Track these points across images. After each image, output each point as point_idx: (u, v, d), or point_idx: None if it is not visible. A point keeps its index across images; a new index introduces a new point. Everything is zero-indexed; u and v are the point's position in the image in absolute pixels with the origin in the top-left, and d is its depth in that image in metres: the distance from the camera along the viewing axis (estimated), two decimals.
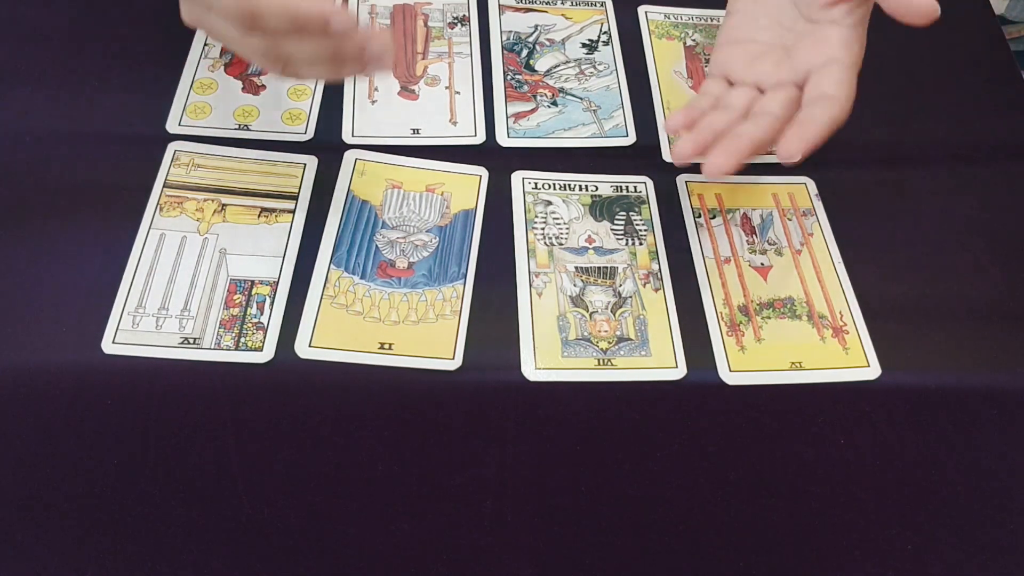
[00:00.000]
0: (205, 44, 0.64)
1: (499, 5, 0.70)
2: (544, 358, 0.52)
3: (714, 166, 0.51)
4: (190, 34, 0.64)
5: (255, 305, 0.52)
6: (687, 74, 0.68)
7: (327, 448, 0.48)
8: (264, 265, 0.53)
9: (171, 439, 0.48)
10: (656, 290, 0.56)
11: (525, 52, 0.67)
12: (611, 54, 0.68)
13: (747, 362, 0.53)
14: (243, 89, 0.61)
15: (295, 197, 0.57)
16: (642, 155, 0.63)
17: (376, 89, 0.63)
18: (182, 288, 0.52)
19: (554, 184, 0.60)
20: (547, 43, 0.68)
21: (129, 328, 0.50)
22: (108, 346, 0.49)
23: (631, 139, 0.63)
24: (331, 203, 0.57)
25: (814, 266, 0.58)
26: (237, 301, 0.52)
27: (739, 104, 0.55)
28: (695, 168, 0.62)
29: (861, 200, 0.61)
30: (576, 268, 0.56)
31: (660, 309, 0.55)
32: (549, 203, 0.59)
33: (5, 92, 0.60)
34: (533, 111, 0.64)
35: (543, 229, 0.58)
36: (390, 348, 0.51)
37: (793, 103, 0.53)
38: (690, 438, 0.51)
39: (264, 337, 0.51)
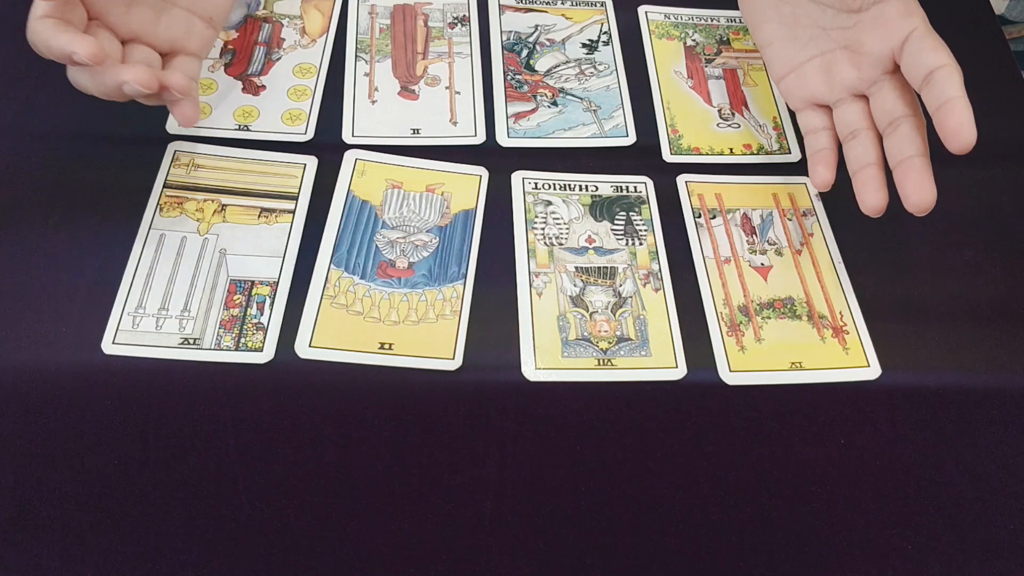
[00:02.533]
0: None
1: (499, 5, 0.70)
2: (544, 358, 0.52)
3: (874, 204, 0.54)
4: None
5: (255, 305, 0.52)
6: (687, 74, 0.68)
7: (327, 448, 0.48)
8: (264, 265, 0.53)
9: (171, 439, 0.48)
10: (656, 290, 0.56)
11: (525, 52, 0.67)
12: (611, 54, 0.68)
13: (747, 362, 0.53)
14: (243, 89, 0.61)
15: (295, 197, 0.57)
16: (642, 155, 0.63)
17: (376, 89, 0.63)
18: (182, 288, 0.52)
19: (554, 184, 0.60)
20: (547, 43, 0.68)
21: (129, 328, 0.50)
22: (108, 346, 0.49)
23: (631, 139, 0.63)
24: (331, 203, 0.57)
25: (814, 266, 0.58)
26: (237, 301, 0.52)
27: (858, 121, 0.56)
28: (695, 168, 0.62)
29: None
30: (576, 268, 0.56)
31: (660, 309, 0.55)
32: (549, 203, 0.59)
33: (5, 91, 0.60)
34: (533, 111, 0.64)
35: (543, 229, 0.58)
36: (390, 348, 0.51)
37: (907, 91, 0.54)
38: (690, 438, 0.51)
39: (264, 338, 0.51)
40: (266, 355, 0.50)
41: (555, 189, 0.60)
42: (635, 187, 0.61)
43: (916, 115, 0.53)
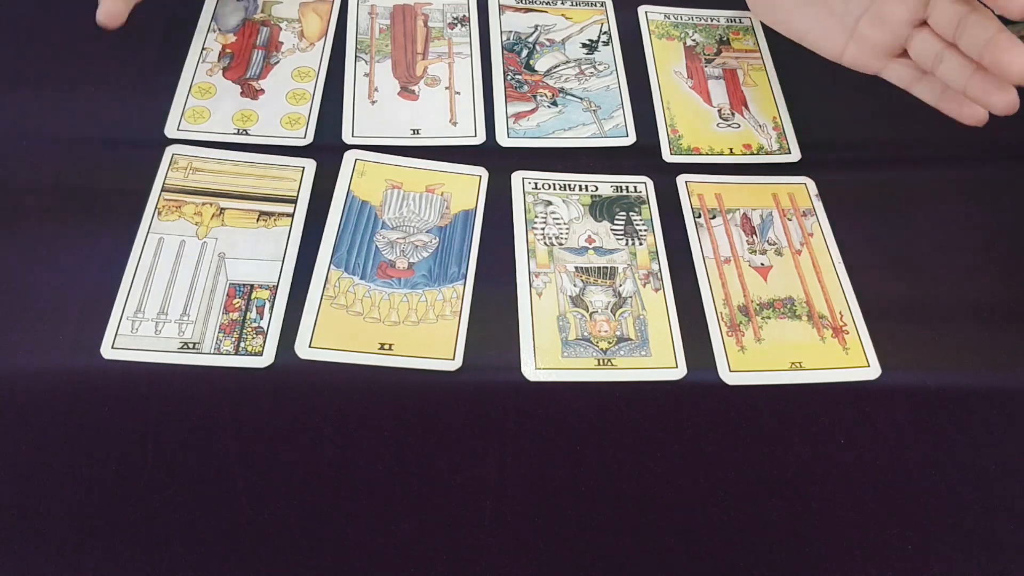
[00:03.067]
0: (203, 48, 0.64)
1: (499, 5, 0.70)
2: (544, 358, 0.52)
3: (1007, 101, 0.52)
4: (188, 38, 0.64)
5: (255, 309, 0.52)
6: (687, 74, 0.68)
7: (327, 449, 0.49)
8: (263, 269, 0.53)
9: (171, 444, 0.48)
10: (656, 290, 0.56)
11: (525, 52, 0.67)
12: (611, 54, 0.68)
13: (747, 362, 0.53)
14: (241, 93, 0.61)
15: (294, 200, 0.57)
16: (642, 155, 0.63)
17: (376, 89, 0.63)
18: (181, 292, 0.52)
19: (554, 184, 0.60)
20: (547, 43, 0.68)
21: (128, 333, 0.50)
22: (107, 351, 0.49)
23: (631, 139, 0.63)
24: (331, 204, 0.57)
25: (814, 266, 0.58)
26: (236, 305, 0.52)
27: (934, 45, 0.54)
28: (695, 168, 0.62)
29: (861, 200, 0.61)
30: (576, 268, 0.56)
31: (660, 309, 0.55)
32: (549, 203, 0.59)
33: (3, 95, 0.60)
34: (533, 111, 0.64)
35: (543, 229, 0.58)
36: (390, 348, 0.51)
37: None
38: (690, 438, 0.51)
39: (264, 341, 0.51)
40: (266, 359, 0.50)
41: (555, 189, 0.60)
42: (635, 187, 0.61)
43: (977, 9, 0.51)
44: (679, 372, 0.52)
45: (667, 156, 0.63)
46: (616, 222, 0.59)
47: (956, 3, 0.52)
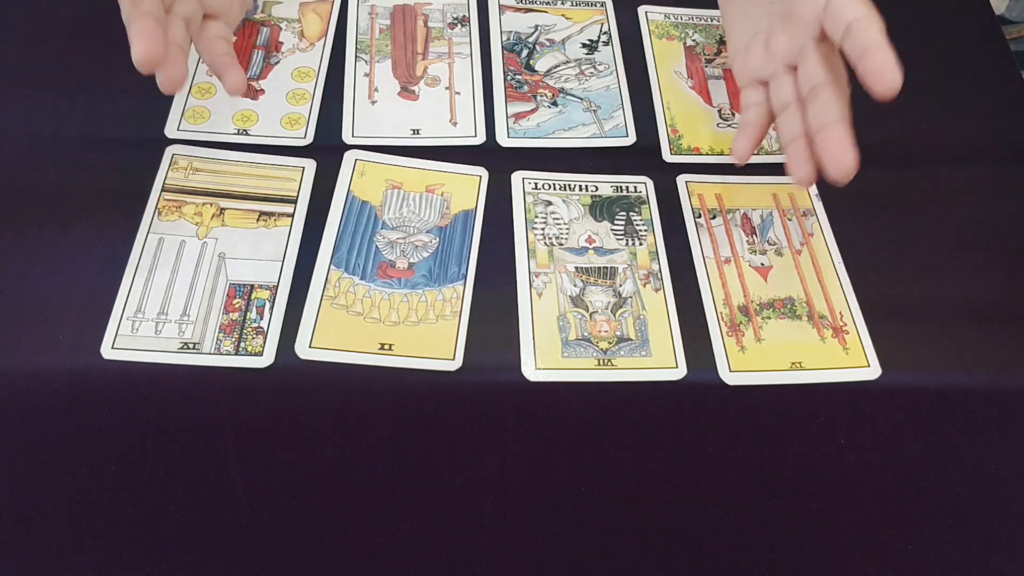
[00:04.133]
0: None
1: (499, 5, 0.70)
2: (544, 358, 0.52)
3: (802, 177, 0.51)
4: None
5: (255, 309, 0.52)
6: (687, 74, 0.68)
7: (327, 449, 0.49)
8: (263, 269, 0.53)
9: (171, 444, 0.48)
10: (656, 290, 0.56)
11: (525, 52, 0.67)
12: (611, 54, 0.68)
13: (747, 362, 0.53)
14: (242, 93, 0.61)
15: (294, 201, 0.57)
16: (642, 155, 0.63)
17: (376, 89, 0.63)
18: (181, 293, 0.52)
19: (554, 184, 0.60)
20: (547, 43, 0.68)
21: (128, 333, 0.50)
22: (107, 351, 0.49)
23: (631, 139, 0.63)
24: (331, 204, 0.57)
25: (814, 266, 0.58)
26: (236, 306, 0.52)
27: (790, 94, 0.53)
28: (695, 168, 0.62)
29: (861, 200, 0.61)
30: (576, 268, 0.56)
31: (660, 309, 0.55)
32: (549, 203, 0.59)
33: (3, 95, 0.60)
34: (533, 111, 0.64)
35: (543, 229, 0.58)
36: (390, 349, 0.51)
37: (832, 57, 0.51)
38: (690, 438, 0.51)
39: (264, 342, 0.51)
40: (266, 359, 0.50)
41: (555, 189, 0.60)
42: (635, 187, 0.61)
43: (837, 82, 0.51)
44: (679, 372, 0.52)
45: (667, 156, 0.63)
46: (616, 222, 0.59)
47: (821, 66, 0.51)
